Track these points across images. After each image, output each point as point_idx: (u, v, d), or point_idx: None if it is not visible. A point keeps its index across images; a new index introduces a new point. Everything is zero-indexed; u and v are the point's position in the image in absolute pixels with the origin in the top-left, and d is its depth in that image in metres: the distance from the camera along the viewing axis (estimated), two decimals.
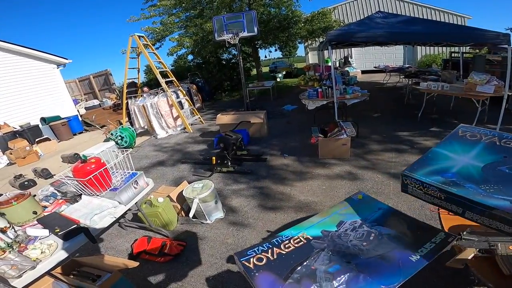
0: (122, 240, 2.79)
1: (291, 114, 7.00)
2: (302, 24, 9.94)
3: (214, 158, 3.90)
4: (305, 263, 0.74)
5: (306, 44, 14.39)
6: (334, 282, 0.67)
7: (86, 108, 10.52)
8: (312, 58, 15.19)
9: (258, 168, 3.99)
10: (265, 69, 22.04)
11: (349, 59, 14.01)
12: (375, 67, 11.69)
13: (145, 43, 6.88)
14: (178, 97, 7.08)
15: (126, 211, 2.08)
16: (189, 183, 3.03)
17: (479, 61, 7.72)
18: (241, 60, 6.77)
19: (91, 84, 13.50)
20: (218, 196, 2.93)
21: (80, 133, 8.58)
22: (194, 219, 2.82)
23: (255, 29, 6.16)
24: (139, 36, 6.62)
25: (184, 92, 7.48)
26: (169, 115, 6.55)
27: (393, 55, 14.34)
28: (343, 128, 3.76)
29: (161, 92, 6.73)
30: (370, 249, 0.76)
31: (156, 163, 4.84)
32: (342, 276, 0.69)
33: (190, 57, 12.25)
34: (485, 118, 4.73)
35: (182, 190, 2.91)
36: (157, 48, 10.27)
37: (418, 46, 11.59)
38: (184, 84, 8.81)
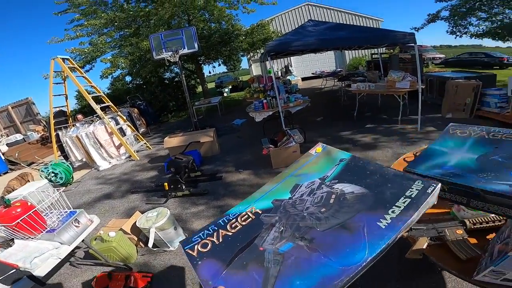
0: (78, 279, 2.50)
1: (241, 128, 7.04)
2: (243, 37, 10.18)
3: (166, 184, 3.72)
4: (252, 244, 0.64)
5: (248, 56, 14.84)
6: (283, 263, 0.57)
7: (8, 145, 8.99)
8: (256, 70, 15.73)
9: (215, 187, 3.90)
10: (211, 85, 21.94)
11: (290, 68, 14.87)
12: (312, 74, 12.61)
13: (72, 66, 6.23)
14: (117, 123, 6.53)
15: (74, 249, 2.00)
16: (142, 213, 2.87)
17: (394, 60, 8.89)
18: (183, 78, 6.58)
19: (10, 116, 11.69)
20: (176, 222, 2.81)
21: (5, 173, 7.30)
22: (155, 249, 2.67)
23: (196, 45, 6.08)
24: (63, 59, 5.97)
25: (124, 118, 6.95)
26: (110, 144, 5.98)
27: (327, 61, 15.72)
28: (291, 136, 3.90)
29: (97, 120, 6.13)
30: (329, 217, 0.64)
31: (102, 197, 4.38)
32: (293, 256, 0.58)
33: (128, 78, 11.54)
34: (408, 110, 5.41)
35: (136, 221, 2.74)
36: (87, 71, 9.44)
37: (345, 51, 12.91)
38: (124, 108, 8.21)
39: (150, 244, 2.51)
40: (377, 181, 0.68)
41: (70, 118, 6.80)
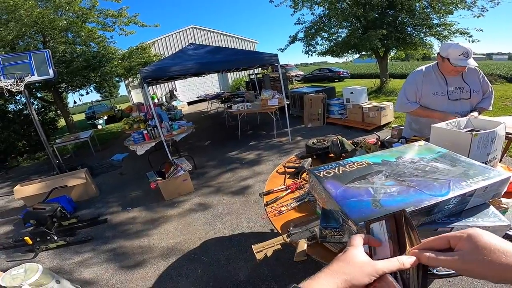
0: None
1: (123, 163, 6.21)
2: (119, 61, 9.19)
3: (28, 238, 3.15)
4: (364, 178, 0.86)
5: (127, 82, 13.51)
6: (387, 190, 0.78)
7: None
8: (136, 97, 14.49)
9: (100, 231, 3.43)
10: (80, 117, 18.57)
11: (175, 93, 14.51)
12: (197, 97, 12.75)
13: None
14: None
15: None
16: (4, 271, 2.30)
17: (266, 79, 10.22)
18: (33, 112, 5.21)
19: None
20: (57, 275, 2.35)
21: None
22: None
23: (51, 72, 4.97)
24: None
25: None
26: None
27: (211, 83, 16.30)
28: (178, 165, 3.77)
29: None
30: (424, 175, 0.84)
31: None
32: (396, 187, 0.79)
33: None
34: (280, 124, 6.29)
35: None
36: None
37: (227, 73, 13.83)
38: None
39: None
40: (464, 166, 0.87)
41: None
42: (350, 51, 10.41)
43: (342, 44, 9.89)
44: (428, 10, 8.63)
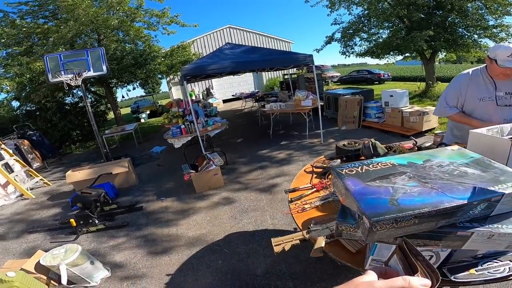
0: None
1: (161, 156, 6.65)
2: (162, 59, 9.78)
3: (73, 220, 3.37)
4: (386, 178, 0.84)
5: (168, 79, 14.35)
6: (408, 190, 0.76)
7: None
8: (176, 93, 15.31)
9: (135, 218, 3.67)
10: (126, 110, 20.12)
11: (211, 91, 15.07)
12: (233, 96, 13.07)
13: None
14: (1, 158, 5.33)
15: None
16: (46, 252, 2.57)
17: (301, 80, 10.10)
18: (88, 104, 5.85)
19: None
20: (93, 256, 2.61)
21: None
22: (71, 286, 2.45)
23: (104, 68, 5.53)
24: None
25: (11, 152, 5.71)
26: None
27: (246, 82, 16.61)
28: (211, 159, 3.94)
29: None
30: (450, 179, 0.80)
31: None
32: (418, 188, 0.77)
33: (15, 103, 9.59)
34: (313, 126, 6.19)
35: (39, 260, 2.45)
36: None
37: (262, 72, 13.95)
38: (10, 140, 6.75)
39: (63, 281, 2.31)
40: (496, 172, 0.82)
41: None
42: (391, 53, 9.81)
43: (382, 45, 9.35)
44: (483, 11, 7.82)
